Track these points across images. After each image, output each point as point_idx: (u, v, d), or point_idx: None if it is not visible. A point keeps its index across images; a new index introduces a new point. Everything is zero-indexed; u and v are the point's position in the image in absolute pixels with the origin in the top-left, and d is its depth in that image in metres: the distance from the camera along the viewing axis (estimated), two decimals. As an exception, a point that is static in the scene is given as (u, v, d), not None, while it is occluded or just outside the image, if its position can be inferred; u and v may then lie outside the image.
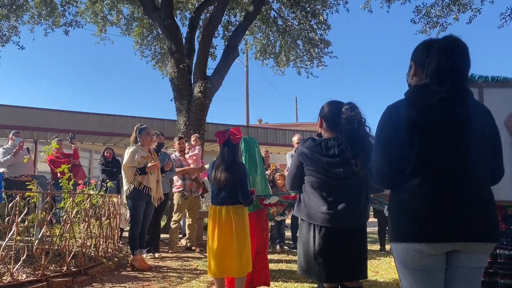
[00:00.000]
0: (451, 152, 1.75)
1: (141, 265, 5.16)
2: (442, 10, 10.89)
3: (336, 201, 2.59)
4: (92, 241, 5.16)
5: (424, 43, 1.92)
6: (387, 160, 1.82)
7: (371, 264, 5.85)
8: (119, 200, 6.21)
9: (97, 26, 12.63)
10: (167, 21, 9.62)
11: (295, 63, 13.45)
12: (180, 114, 9.52)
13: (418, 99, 1.82)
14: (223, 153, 3.66)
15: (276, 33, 13.02)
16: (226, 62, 10.17)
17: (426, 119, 1.77)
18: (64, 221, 4.62)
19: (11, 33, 11.49)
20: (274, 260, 6.14)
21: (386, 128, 1.84)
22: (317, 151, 2.65)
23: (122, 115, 14.85)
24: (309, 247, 2.63)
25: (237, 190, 3.53)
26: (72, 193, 4.94)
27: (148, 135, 5.48)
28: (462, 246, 1.74)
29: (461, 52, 1.78)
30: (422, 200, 1.75)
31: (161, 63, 13.53)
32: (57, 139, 8.16)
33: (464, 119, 1.77)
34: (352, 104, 2.62)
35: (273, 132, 19.03)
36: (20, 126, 12.65)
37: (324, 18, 12.24)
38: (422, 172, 1.76)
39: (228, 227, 3.53)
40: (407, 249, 1.77)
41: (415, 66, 1.92)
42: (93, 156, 19.81)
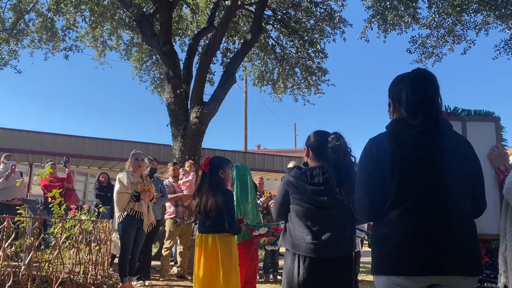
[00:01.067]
0: (431, 185, 1.76)
1: None
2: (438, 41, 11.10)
3: (321, 231, 2.56)
4: (81, 267, 5.07)
5: (397, 78, 1.96)
6: (368, 193, 1.83)
7: (364, 295, 5.75)
8: (110, 226, 6.15)
9: (97, 50, 12.81)
10: (165, 47, 9.76)
11: (292, 90, 13.59)
12: (176, 139, 9.55)
13: (398, 132, 1.84)
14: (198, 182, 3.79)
15: (274, 61, 13.20)
16: (223, 88, 10.27)
17: (405, 152, 1.78)
18: (52, 247, 4.56)
19: (10, 56, 11.61)
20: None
21: (366, 161, 1.85)
22: (302, 179, 2.64)
23: (118, 140, 14.86)
24: (293, 277, 2.59)
25: (223, 218, 3.50)
26: (62, 218, 4.88)
27: (136, 160, 5.44)
28: (443, 280, 1.72)
29: (428, 83, 1.81)
30: (401, 233, 1.74)
31: (160, 88, 13.65)
32: (51, 163, 8.13)
33: (443, 151, 1.78)
34: (337, 134, 2.64)
35: (270, 158, 19.02)
36: (15, 149, 12.66)
37: (322, 47, 12.43)
38: (402, 205, 1.76)
39: (214, 256, 3.49)
40: (388, 282, 1.76)
41: (393, 103, 1.95)
42: (88, 179, 19.73)
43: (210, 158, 3.71)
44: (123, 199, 5.16)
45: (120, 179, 5.21)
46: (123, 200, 5.16)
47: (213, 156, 3.81)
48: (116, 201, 5.23)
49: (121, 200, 5.17)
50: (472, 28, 10.81)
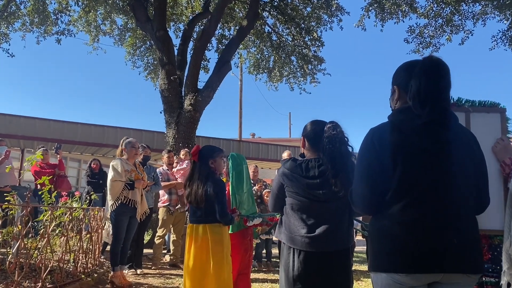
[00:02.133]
0: (434, 179, 1.67)
1: (121, 282, 4.99)
2: (435, 31, 11.00)
3: (316, 224, 2.49)
4: (71, 255, 4.99)
5: (405, 65, 1.86)
6: (368, 185, 1.75)
7: (358, 285, 5.73)
8: (102, 214, 6.06)
9: (90, 35, 12.57)
10: (159, 32, 9.59)
11: (288, 79, 13.45)
12: (169, 127, 9.43)
13: (401, 123, 1.75)
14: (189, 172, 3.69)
15: (270, 48, 13.04)
16: (218, 75, 10.13)
17: (408, 143, 1.70)
18: (41, 235, 4.46)
19: (1, 40, 11.37)
20: (259, 279, 6.00)
21: (368, 152, 1.76)
22: (297, 172, 2.56)
23: (111, 126, 14.69)
24: (289, 271, 2.52)
25: (214, 208, 3.43)
26: (51, 206, 4.78)
27: (133, 148, 5.35)
28: (444, 278, 1.65)
29: (442, 73, 1.72)
30: (402, 228, 1.67)
31: (154, 74, 13.47)
32: (43, 149, 8.01)
33: (448, 144, 1.70)
34: (334, 123, 2.55)
35: (265, 147, 18.93)
36: (6, 134, 12.46)
37: (318, 35, 12.29)
38: (403, 199, 1.68)
39: (205, 246, 3.41)
40: (387, 279, 1.69)
41: (399, 90, 1.85)
42: (81, 166, 19.58)
43: (199, 147, 3.62)
44: (117, 187, 5.07)
45: (114, 167, 5.11)
46: (117, 188, 5.07)
47: (204, 145, 3.72)
48: (109, 189, 5.14)
49: (115, 188, 5.07)
50: (470, 18, 10.72)
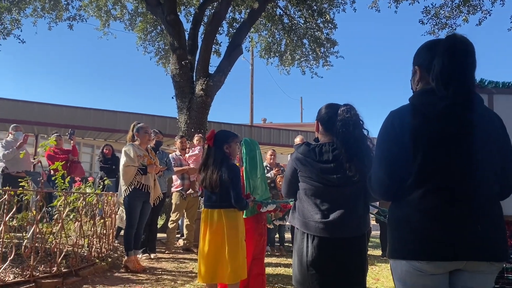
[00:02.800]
0: (457, 164, 1.60)
1: (135, 267, 5.02)
2: (452, 11, 10.69)
3: (331, 210, 2.43)
4: (85, 240, 5.03)
5: (427, 45, 1.77)
6: (387, 170, 1.68)
7: (371, 270, 5.69)
8: (115, 199, 6.08)
9: (100, 20, 12.53)
10: (170, 16, 9.49)
11: (300, 62, 13.28)
12: (181, 112, 9.39)
13: (423, 105, 1.66)
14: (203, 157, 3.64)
15: (282, 32, 12.85)
16: (229, 59, 10.03)
17: (431, 128, 1.62)
18: (55, 220, 4.49)
19: (13, 26, 11.38)
20: (273, 264, 6.00)
21: (388, 137, 1.69)
22: (311, 156, 2.50)
23: (123, 111, 14.74)
24: (302, 257, 2.49)
25: (229, 193, 3.39)
26: (65, 192, 4.80)
27: (146, 133, 5.33)
28: (467, 265, 1.59)
29: (467, 52, 1.62)
30: (423, 215, 1.60)
31: (165, 59, 13.41)
32: (56, 135, 8.05)
33: (472, 127, 1.62)
34: (348, 106, 2.47)
35: (277, 132, 18.86)
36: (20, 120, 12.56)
37: (331, 17, 12.07)
38: (425, 185, 1.61)
39: (220, 232, 3.39)
40: (407, 266, 1.63)
41: (420, 71, 1.76)
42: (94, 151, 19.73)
43: (215, 132, 3.58)
44: (129, 172, 5.06)
45: (127, 152, 5.10)
46: (129, 174, 5.07)
47: (219, 130, 3.66)
48: (122, 175, 5.13)
49: (128, 173, 5.07)
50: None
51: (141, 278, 4.73)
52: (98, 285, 4.28)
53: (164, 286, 4.41)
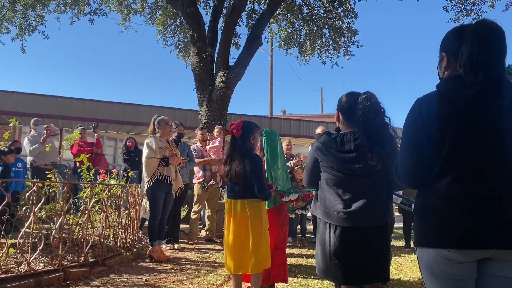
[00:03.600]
0: (486, 151, 1.56)
1: (159, 257, 5.11)
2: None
3: (353, 199, 2.43)
4: (110, 231, 5.14)
5: (455, 30, 1.73)
6: (414, 158, 1.66)
7: (395, 261, 5.65)
8: (139, 190, 6.18)
9: (121, 14, 12.65)
10: (190, 9, 9.51)
11: (320, 52, 13.15)
12: (202, 104, 9.44)
13: (451, 92, 1.63)
14: (229, 148, 3.60)
15: (301, 22, 12.74)
16: (249, 51, 10.00)
17: (459, 115, 1.58)
18: (81, 211, 4.60)
19: (38, 22, 11.60)
20: (295, 254, 6.01)
21: (414, 124, 1.66)
22: (332, 146, 2.49)
23: (145, 105, 14.90)
24: (325, 246, 2.49)
25: (252, 183, 3.41)
26: (91, 183, 4.90)
27: (167, 125, 5.39)
28: (496, 254, 1.56)
29: (496, 38, 1.59)
30: (451, 202, 1.58)
31: (185, 52, 13.47)
32: (81, 128, 8.22)
33: (502, 113, 1.58)
34: (368, 94, 2.45)
35: (297, 123, 18.78)
36: (45, 114, 12.88)
37: (351, 6, 11.88)
38: (453, 172, 1.58)
39: (244, 222, 3.42)
40: (434, 255, 1.61)
41: (447, 57, 1.72)
42: (118, 144, 20.08)
43: (243, 122, 3.58)
44: (152, 164, 5.14)
45: (149, 144, 5.17)
46: (152, 165, 5.14)
47: (244, 120, 3.66)
48: (145, 166, 5.21)
49: (150, 165, 5.14)
50: (515, -19, 10.05)
51: (165, 267, 4.81)
52: (124, 274, 4.38)
53: (188, 275, 4.47)
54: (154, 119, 5.45)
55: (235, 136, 3.55)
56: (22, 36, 11.47)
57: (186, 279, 4.30)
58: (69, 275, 3.96)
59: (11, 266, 3.76)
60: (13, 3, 11.12)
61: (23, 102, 13.08)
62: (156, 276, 4.39)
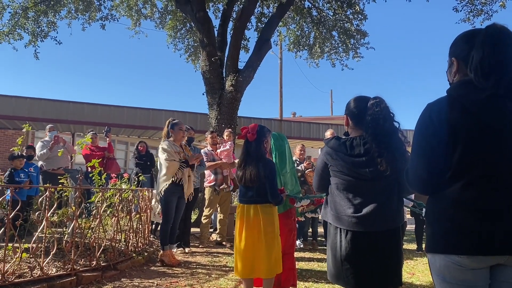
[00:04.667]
0: (498, 156, 1.55)
1: (171, 261, 5.13)
2: (488, -3, 10.29)
3: (363, 204, 2.41)
4: (122, 235, 5.17)
5: (465, 35, 1.72)
6: (426, 164, 1.65)
7: (407, 265, 5.61)
8: (150, 194, 6.22)
9: (132, 19, 12.77)
10: (199, 13, 9.56)
11: (330, 54, 13.12)
12: (212, 108, 9.47)
13: (462, 97, 1.62)
14: (242, 152, 3.57)
15: (311, 24, 12.72)
16: (258, 54, 10.01)
17: (471, 120, 1.57)
18: (93, 216, 4.64)
19: (50, 28, 11.76)
20: (306, 258, 6.00)
21: (426, 129, 1.65)
22: (342, 150, 2.48)
23: (156, 109, 14.96)
24: (336, 251, 2.48)
25: (265, 188, 3.40)
26: (102, 188, 4.95)
27: (181, 130, 5.43)
28: (509, 260, 1.54)
29: (507, 42, 1.58)
30: (463, 208, 1.57)
31: (194, 56, 13.53)
32: (92, 133, 8.32)
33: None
34: (378, 99, 2.43)
35: (307, 126, 18.72)
36: (57, 119, 13.01)
37: (361, 8, 11.84)
38: (465, 177, 1.57)
39: (256, 227, 3.41)
40: (446, 261, 1.60)
41: (457, 62, 1.71)
42: (129, 148, 20.20)
43: (258, 126, 3.57)
44: (173, 166, 5.18)
45: (166, 148, 5.21)
46: (173, 167, 5.17)
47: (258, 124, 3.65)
48: (167, 168, 5.18)
49: (171, 167, 5.17)
50: (526, -19, 9.96)
51: (176, 271, 4.83)
52: (136, 278, 4.40)
53: (199, 279, 4.48)
54: (169, 122, 5.49)
55: (249, 140, 3.54)
56: (34, 42, 11.64)
57: (197, 283, 4.31)
58: (82, 279, 4.00)
59: (24, 270, 3.81)
60: (26, 10, 11.30)
61: (35, 108, 13.24)
62: (167, 280, 4.41)
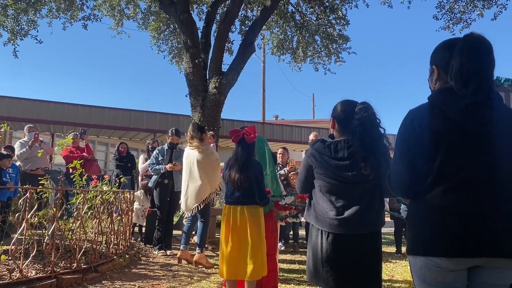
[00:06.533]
0: (477, 162, 1.61)
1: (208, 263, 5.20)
2: (466, 6, 10.56)
3: (345, 207, 2.46)
4: (103, 237, 5.12)
5: (445, 44, 1.78)
6: (407, 169, 1.70)
7: (386, 267, 5.70)
8: (131, 196, 6.18)
9: (114, 19, 12.65)
10: (183, 15, 9.55)
11: (312, 59, 13.25)
12: (195, 110, 9.46)
13: (443, 104, 1.68)
14: (237, 153, 3.57)
15: (294, 28, 12.83)
16: (242, 57, 10.05)
17: (451, 126, 1.63)
18: (74, 217, 4.59)
19: (30, 27, 11.55)
20: (287, 260, 6.04)
21: (408, 136, 1.71)
22: (326, 153, 2.52)
23: (137, 110, 14.85)
24: (317, 253, 2.52)
25: (253, 189, 3.42)
26: (83, 189, 4.90)
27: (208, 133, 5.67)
28: (486, 262, 1.61)
29: (485, 51, 1.64)
30: (443, 212, 1.62)
31: (178, 58, 13.48)
32: (73, 133, 8.21)
33: (493, 125, 1.63)
34: (366, 104, 2.47)
35: (289, 129, 18.85)
36: (37, 119, 12.81)
37: (343, 13, 12.00)
38: (445, 183, 1.63)
39: (243, 228, 3.43)
40: (426, 263, 1.65)
41: (438, 70, 1.78)
42: (109, 149, 19.98)
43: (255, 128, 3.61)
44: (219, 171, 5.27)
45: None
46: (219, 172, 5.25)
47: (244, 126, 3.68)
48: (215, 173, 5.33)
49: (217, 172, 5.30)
50: (503, -9, 10.23)
51: (158, 274, 4.81)
52: (117, 280, 4.37)
53: (181, 281, 4.48)
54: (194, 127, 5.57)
55: (248, 141, 3.55)
56: (14, 41, 11.41)
57: (179, 286, 4.31)
58: (62, 281, 3.95)
59: (2, 273, 3.75)
60: (5, 7, 11.08)
61: (14, 107, 13.00)
62: (149, 282, 4.39)
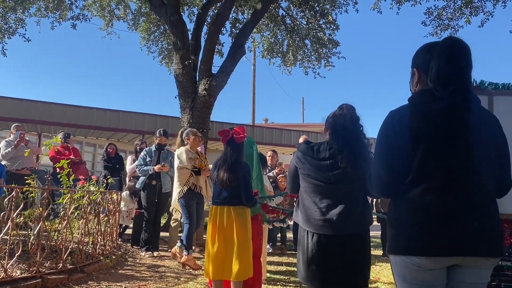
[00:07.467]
0: (455, 162, 1.66)
1: (196, 265, 5.11)
2: (454, 13, 10.71)
3: (329, 207, 2.51)
4: (90, 238, 5.09)
5: (425, 47, 1.83)
6: (387, 168, 1.74)
7: (372, 270, 5.74)
8: (119, 197, 6.15)
9: (104, 20, 12.57)
10: (174, 16, 9.53)
11: (302, 63, 13.32)
12: (184, 111, 9.44)
13: (422, 105, 1.72)
14: (226, 153, 3.59)
15: (284, 32, 12.87)
16: (232, 60, 10.06)
17: (430, 126, 1.68)
18: (61, 217, 4.56)
19: (18, 25, 11.44)
20: (275, 262, 6.06)
21: (388, 135, 1.75)
22: (309, 154, 2.61)
23: (126, 111, 14.76)
24: (304, 253, 2.57)
25: (240, 190, 3.44)
26: (70, 189, 4.87)
27: (196, 136, 5.55)
28: (464, 261, 1.65)
29: (462, 54, 1.70)
30: (422, 211, 1.66)
31: (168, 59, 13.43)
32: (62, 132, 8.16)
33: (470, 126, 1.68)
34: (344, 104, 2.62)
35: (279, 132, 18.91)
36: (24, 119, 12.66)
37: (333, 18, 12.09)
38: (424, 183, 1.67)
39: (229, 229, 3.44)
40: (406, 262, 1.69)
41: (418, 73, 1.83)
42: (97, 150, 19.83)
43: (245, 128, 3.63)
44: (184, 174, 5.24)
45: (179, 156, 5.29)
46: (184, 175, 5.24)
47: None
48: (177, 177, 5.29)
49: (182, 175, 5.24)
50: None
51: (144, 275, 4.80)
52: (103, 281, 4.35)
53: (167, 283, 4.47)
54: (181, 132, 5.66)
55: (238, 142, 3.57)
56: (1, 39, 11.29)
57: (166, 287, 4.30)
58: (47, 282, 3.92)
59: (-13, 272, 3.70)
60: (-7, 6, 10.97)
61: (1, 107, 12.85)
62: (136, 283, 4.38)
